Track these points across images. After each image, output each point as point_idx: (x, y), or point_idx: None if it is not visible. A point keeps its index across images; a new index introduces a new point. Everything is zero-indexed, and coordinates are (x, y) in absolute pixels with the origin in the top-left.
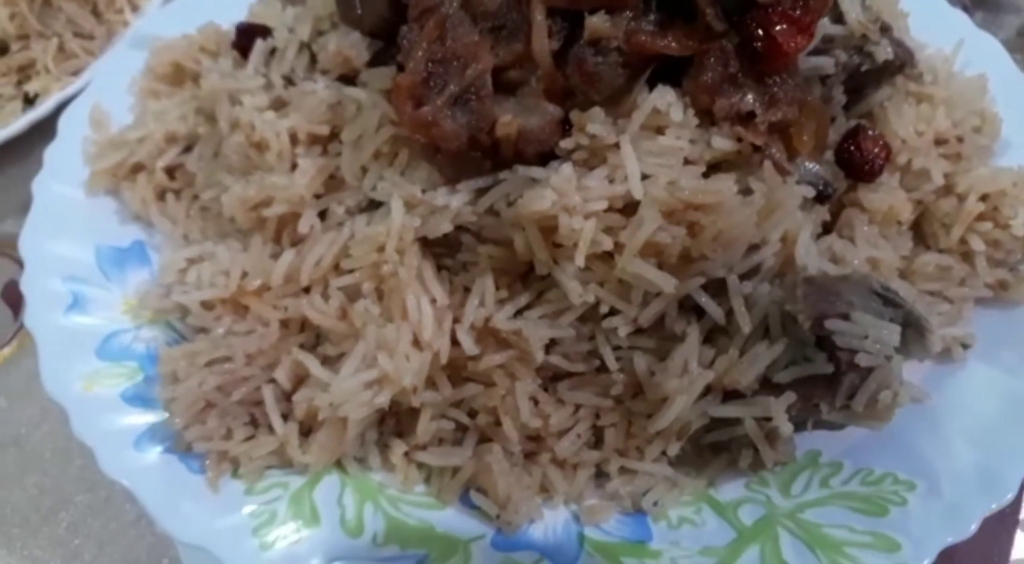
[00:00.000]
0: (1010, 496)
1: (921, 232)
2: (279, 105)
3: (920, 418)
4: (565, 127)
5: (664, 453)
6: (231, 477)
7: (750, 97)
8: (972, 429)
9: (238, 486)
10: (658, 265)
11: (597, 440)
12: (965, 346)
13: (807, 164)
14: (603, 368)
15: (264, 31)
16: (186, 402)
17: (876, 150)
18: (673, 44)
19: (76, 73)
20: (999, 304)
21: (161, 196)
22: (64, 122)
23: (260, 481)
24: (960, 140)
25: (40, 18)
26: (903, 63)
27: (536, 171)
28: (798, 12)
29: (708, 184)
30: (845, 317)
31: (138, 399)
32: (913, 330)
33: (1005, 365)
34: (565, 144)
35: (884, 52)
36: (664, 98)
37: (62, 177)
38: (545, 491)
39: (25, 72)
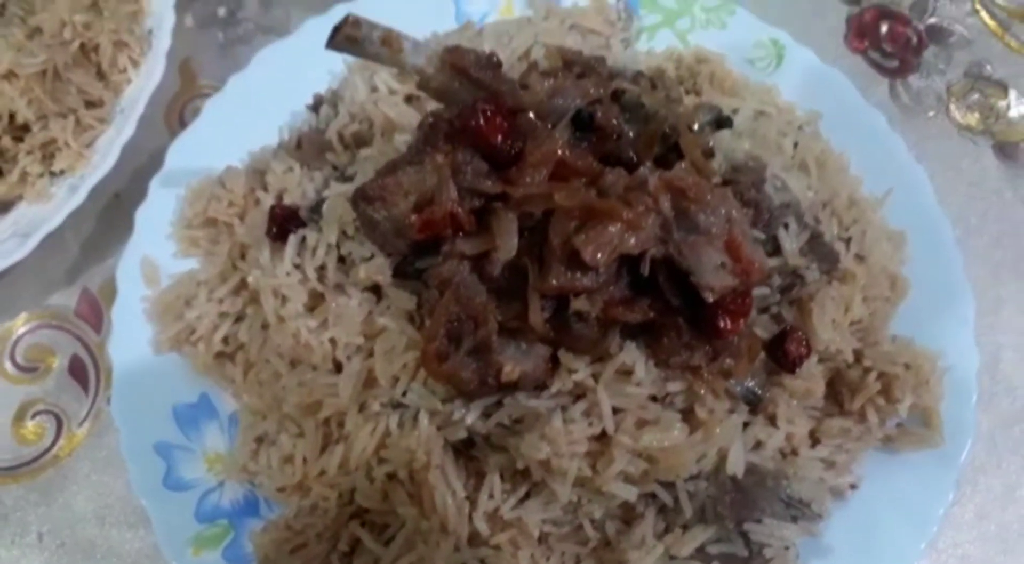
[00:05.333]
0: None
1: (833, 388)
2: (316, 299)
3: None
4: (554, 355)
5: None
6: None
7: (698, 356)
8: None
9: None
10: (624, 479)
11: None
12: (853, 487)
13: (742, 383)
14: (582, 527)
15: (294, 217)
16: None
17: (800, 350)
18: (638, 316)
19: (91, 144)
20: (885, 450)
21: (219, 356)
22: (121, 277)
23: None
24: (872, 314)
25: (53, 95)
26: (829, 270)
27: (532, 401)
28: (737, 302)
29: (665, 434)
30: (758, 521)
31: (236, 558)
32: (807, 520)
33: (879, 506)
34: (555, 387)
35: (813, 274)
36: (630, 356)
37: (132, 339)
38: None
39: (47, 148)
